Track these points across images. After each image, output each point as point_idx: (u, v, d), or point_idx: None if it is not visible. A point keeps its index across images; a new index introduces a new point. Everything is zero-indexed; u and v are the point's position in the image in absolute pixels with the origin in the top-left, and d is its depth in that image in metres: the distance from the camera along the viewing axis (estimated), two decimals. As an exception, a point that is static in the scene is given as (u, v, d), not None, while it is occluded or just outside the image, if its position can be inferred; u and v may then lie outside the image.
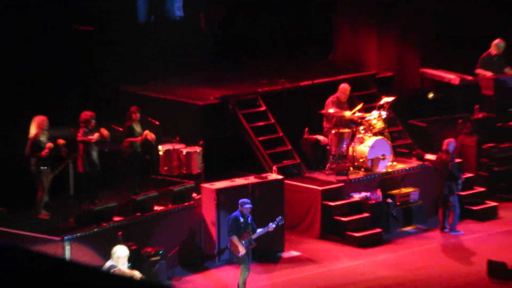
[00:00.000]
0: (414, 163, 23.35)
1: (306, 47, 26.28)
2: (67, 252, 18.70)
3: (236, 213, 18.96)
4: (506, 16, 26.60)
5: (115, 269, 17.49)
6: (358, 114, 22.83)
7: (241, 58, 25.63)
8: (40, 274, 3.32)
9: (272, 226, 19.21)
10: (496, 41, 24.89)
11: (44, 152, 19.66)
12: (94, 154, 20.19)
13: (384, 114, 22.89)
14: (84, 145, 20.04)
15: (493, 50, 24.91)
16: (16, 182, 20.42)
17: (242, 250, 18.72)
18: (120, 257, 17.23)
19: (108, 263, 17.53)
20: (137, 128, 20.77)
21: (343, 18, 26.88)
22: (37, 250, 3.50)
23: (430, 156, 23.02)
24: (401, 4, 26.49)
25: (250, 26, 26.31)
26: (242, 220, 18.85)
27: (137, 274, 17.63)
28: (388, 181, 22.71)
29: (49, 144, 19.66)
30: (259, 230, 18.92)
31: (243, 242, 18.77)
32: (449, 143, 22.25)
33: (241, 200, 19.06)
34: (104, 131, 20.21)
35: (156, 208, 20.71)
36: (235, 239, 18.79)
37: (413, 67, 26.35)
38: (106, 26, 24.07)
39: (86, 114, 20.17)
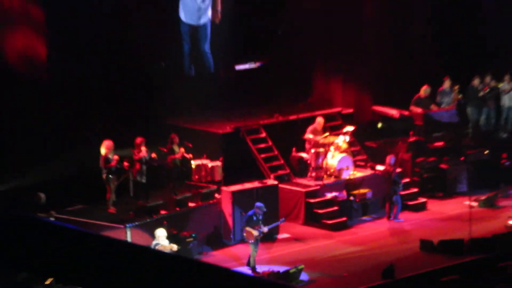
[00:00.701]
0: (369, 172, 23.03)
1: (293, 93, 25.96)
2: (129, 236, 18.56)
3: (251, 211, 19.03)
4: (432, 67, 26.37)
5: (159, 245, 17.56)
6: (329, 138, 22.63)
7: (248, 100, 25.35)
8: (107, 253, 3.01)
9: (275, 224, 19.55)
10: (424, 87, 24.79)
11: (113, 163, 19.53)
12: (143, 168, 20.00)
13: (347, 138, 22.82)
14: (140, 161, 19.88)
15: (422, 93, 24.75)
16: (93, 186, 20.18)
17: (253, 237, 18.66)
18: (160, 236, 17.74)
19: (154, 242, 17.71)
20: (176, 149, 20.64)
21: (318, 73, 26.65)
22: (106, 236, 3.21)
23: (379, 167, 22.79)
24: (359, 61, 26.21)
25: (254, 79, 26.03)
26: (254, 218, 18.85)
27: (174, 247, 17.77)
28: (350, 185, 22.45)
29: (116, 157, 19.55)
30: (267, 226, 18.89)
31: (255, 232, 18.67)
32: (390, 158, 22.16)
33: (258, 204, 19.08)
34: (153, 154, 20.11)
35: (190, 204, 20.57)
36: (249, 229, 18.71)
37: (367, 105, 26.11)
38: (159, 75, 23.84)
39: (140, 139, 20.05)
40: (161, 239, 17.80)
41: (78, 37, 22.43)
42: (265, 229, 18.83)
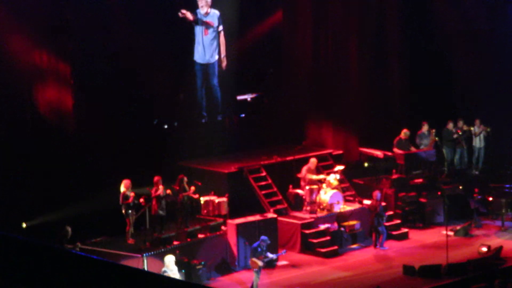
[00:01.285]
0: (357, 206, 22.92)
1: (289, 137, 25.95)
2: (145, 264, 18.41)
3: (256, 243, 18.97)
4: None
5: (167, 272, 17.37)
6: (321, 177, 22.56)
7: (250, 144, 25.38)
8: (126, 280, 2.97)
9: (278, 255, 19.63)
10: (404, 130, 24.76)
11: (130, 200, 19.44)
12: (162, 203, 19.92)
13: (337, 176, 22.68)
14: (156, 198, 19.80)
15: (402, 136, 24.73)
16: (113, 220, 20.11)
17: (257, 266, 18.61)
18: (169, 262, 17.25)
19: (163, 269, 17.47)
20: (186, 187, 20.47)
21: (310, 119, 26.67)
22: (124, 265, 3.17)
23: (366, 202, 22.69)
24: (347, 109, 26.29)
25: (254, 126, 26.06)
26: (259, 249, 18.77)
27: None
28: (341, 217, 22.28)
29: (133, 194, 19.45)
30: (270, 256, 18.78)
31: (260, 263, 18.58)
32: (377, 194, 22.02)
33: (263, 237, 19.07)
34: (168, 191, 20.04)
35: (199, 235, 20.39)
36: (254, 259, 18.64)
37: (354, 147, 26.09)
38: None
39: (157, 178, 19.99)
40: (170, 265, 17.58)
41: (100, 88, 22.52)
42: (269, 256, 18.78)
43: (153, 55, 23.06)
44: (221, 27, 23.95)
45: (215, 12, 23.91)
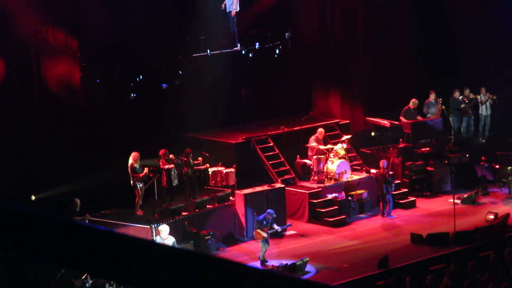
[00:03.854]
0: (364, 175, 22.93)
1: (297, 107, 25.95)
2: (154, 234, 18.44)
3: (262, 216, 18.97)
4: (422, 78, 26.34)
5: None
6: (328, 146, 22.56)
7: (258, 115, 25.40)
8: (132, 251, 3.01)
9: (283, 227, 19.52)
10: (413, 99, 24.63)
11: (142, 175, 19.46)
12: (172, 174, 19.93)
13: (344, 146, 22.65)
14: (165, 170, 19.83)
15: (411, 105, 24.63)
16: (122, 193, 20.18)
17: (261, 238, 18.62)
18: (163, 231, 17.10)
19: (155, 238, 17.40)
20: (191, 161, 20.38)
21: (317, 89, 26.68)
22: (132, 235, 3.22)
23: (373, 171, 22.70)
24: (354, 79, 26.23)
25: (263, 96, 26.05)
26: (264, 222, 18.77)
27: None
28: (348, 186, 22.32)
29: (146, 169, 19.45)
30: (275, 228, 18.79)
31: (264, 234, 18.60)
32: (383, 162, 22.04)
33: (270, 210, 19.04)
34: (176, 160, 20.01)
35: (208, 206, 20.44)
36: (259, 230, 18.66)
37: (361, 117, 26.07)
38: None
39: (163, 151, 20.00)
40: (163, 233, 17.37)
41: (107, 61, 22.57)
42: (275, 228, 18.80)
43: (159, 26, 23.05)
44: None
45: None
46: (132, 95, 23.31)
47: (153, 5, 23.13)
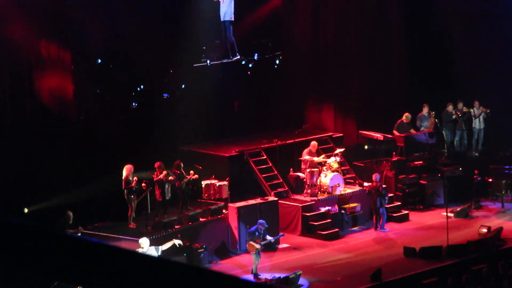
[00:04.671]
0: (357, 188, 22.94)
1: (290, 121, 26.01)
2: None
3: (254, 227, 18.92)
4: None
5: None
6: (322, 159, 22.56)
7: (251, 128, 25.43)
8: (124, 262, 3.01)
9: (276, 238, 19.35)
10: (406, 113, 24.69)
11: (133, 184, 19.42)
12: (165, 188, 19.92)
13: (338, 159, 22.66)
14: (157, 182, 19.81)
15: (404, 119, 24.69)
16: (115, 205, 20.15)
17: (254, 250, 18.59)
18: (144, 243, 16.90)
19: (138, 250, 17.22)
20: (183, 172, 20.34)
21: (310, 103, 26.72)
22: (123, 248, 3.21)
23: (366, 184, 22.71)
24: (348, 92, 26.30)
25: (256, 109, 26.09)
26: (257, 233, 18.73)
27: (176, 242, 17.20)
28: (341, 200, 22.32)
29: (136, 178, 19.44)
30: (268, 238, 18.76)
31: (257, 245, 18.57)
32: (376, 176, 22.03)
33: (261, 221, 18.99)
34: (171, 177, 19.96)
35: (201, 219, 20.42)
36: (252, 242, 18.63)
37: (355, 130, 26.11)
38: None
39: (158, 163, 19.99)
40: (145, 246, 17.16)
41: (100, 74, 22.60)
42: (267, 239, 18.76)
43: (152, 38, 23.08)
44: None
45: None
46: (133, 104, 23.31)
47: (148, 15, 23.11)
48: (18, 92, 21.16)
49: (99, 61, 22.64)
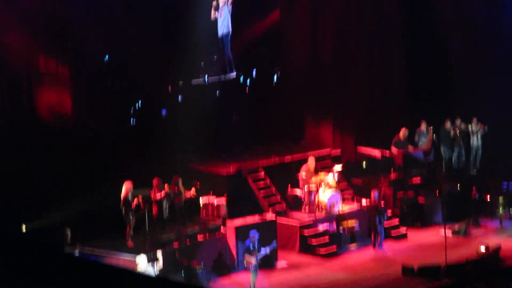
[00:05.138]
0: (355, 205, 22.93)
1: (288, 137, 26.02)
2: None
3: (247, 241, 18.81)
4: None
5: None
6: (320, 177, 22.56)
7: (249, 144, 25.43)
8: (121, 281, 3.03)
9: (269, 248, 18.98)
10: (403, 129, 24.73)
11: (133, 205, 19.44)
12: (163, 205, 19.92)
13: (336, 176, 22.66)
14: (155, 200, 19.81)
15: (401, 135, 24.73)
16: (113, 223, 20.13)
17: (251, 264, 18.52)
18: (141, 261, 17.11)
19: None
20: (181, 189, 20.37)
21: (309, 119, 26.73)
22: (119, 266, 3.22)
23: (364, 201, 22.71)
24: (346, 108, 26.35)
25: (254, 125, 26.09)
26: (251, 246, 18.66)
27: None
28: (339, 217, 22.27)
29: (136, 199, 19.43)
30: (262, 251, 18.69)
31: (253, 260, 18.53)
32: (374, 193, 22.09)
33: (251, 232, 18.92)
34: (163, 193, 19.96)
35: (198, 237, 20.40)
36: (247, 257, 18.57)
37: (352, 146, 26.13)
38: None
39: (157, 180, 19.99)
40: (142, 264, 17.33)
41: (99, 89, 22.60)
42: (263, 251, 18.71)
43: (150, 54, 23.12)
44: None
45: None
46: (132, 120, 23.31)
47: (147, 32, 23.11)
48: (16, 106, 21.16)
49: (98, 76, 22.61)
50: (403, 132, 24.71)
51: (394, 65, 27.26)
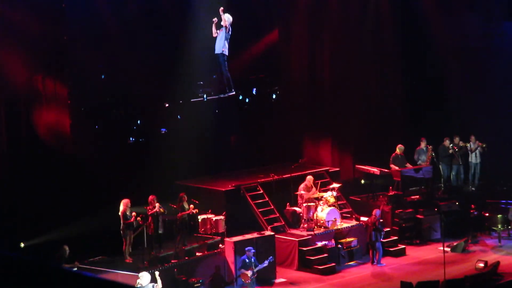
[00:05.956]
0: (354, 223, 22.98)
1: (286, 155, 26.10)
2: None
3: (244, 256, 18.94)
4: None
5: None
6: (318, 194, 22.63)
7: (248, 162, 25.50)
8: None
9: (266, 263, 19.03)
10: (399, 145, 24.87)
11: (132, 220, 19.49)
12: (159, 221, 19.95)
13: (334, 193, 22.75)
14: (151, 216, 19.83)
15: (397, 151, 24.84)
16: (111, 240, 20.16)
17: (248, 278, 18.55)
18: (143, 278, 17.01)
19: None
20: (186, 205, 20.52)
21: (307, 138, 26.83)
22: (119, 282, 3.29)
23: (363, 218, 22.75)
24: (344, 127, 26.44)
25: (254, 142, 26.17)
26: (247, 260, 18.76)
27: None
28: (338, 234, 22.35)
29: (134, 213, 19.48)
30: (259, 266, 18.74)
31: (249, 273, 18.56)
32: (376, 211, 22.13)
33: (246, 248, 19.01)
34: (162, 209, 19.99)
35: (197, 254, 20.44)
36: (243, 271, 18.62)
37: (351, 164, 26.21)
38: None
39: (152, 197, 20.06)
40: (143, 281, 17.39)
41: (97, 109, 22.71)
42: (259, 266, 18.73)
43: (149, 72, 23.25)
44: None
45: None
46: (130, 139, 23.43)
47: (145, 50, 23.30)
48: (14, 127, 21.23)
49: (96, 96, 22.73)
50: (399, 148, 24.84)
51: (392, 84, 27.42)
